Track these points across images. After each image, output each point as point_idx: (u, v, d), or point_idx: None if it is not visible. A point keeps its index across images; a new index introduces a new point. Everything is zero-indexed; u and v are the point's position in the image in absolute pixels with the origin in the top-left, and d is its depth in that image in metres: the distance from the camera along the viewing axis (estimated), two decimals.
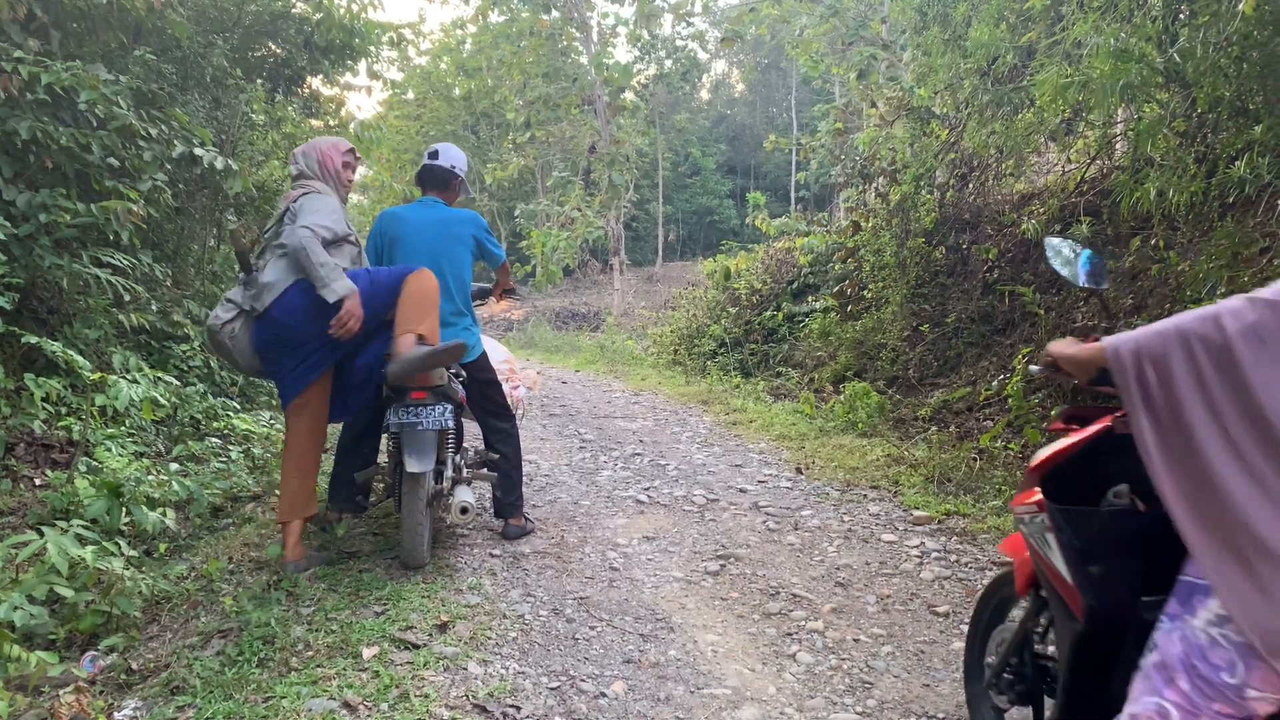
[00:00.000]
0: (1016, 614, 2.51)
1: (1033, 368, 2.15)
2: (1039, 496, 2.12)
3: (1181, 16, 5.44)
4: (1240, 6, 4.21)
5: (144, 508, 4.04)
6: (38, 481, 5.00)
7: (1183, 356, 1.52)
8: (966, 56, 7.12)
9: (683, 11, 24.74)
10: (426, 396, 3.77)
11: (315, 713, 2.61)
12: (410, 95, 30.46)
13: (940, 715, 2.86)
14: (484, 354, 4.40)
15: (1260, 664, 1.49)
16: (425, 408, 3.75)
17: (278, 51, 8.56)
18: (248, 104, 7.96)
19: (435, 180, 4.44)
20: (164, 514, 4.11)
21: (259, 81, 8.32)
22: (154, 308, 6.45)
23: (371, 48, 9.18)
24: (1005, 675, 2.43)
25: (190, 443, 5.38)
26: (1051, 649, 2.32)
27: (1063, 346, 1.85)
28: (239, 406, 6.47)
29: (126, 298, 5.73)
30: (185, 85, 7.14)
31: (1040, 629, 2.37)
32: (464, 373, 4.25)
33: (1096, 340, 1.78)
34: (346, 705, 2.67)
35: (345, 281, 3.56)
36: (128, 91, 5.46)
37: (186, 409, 5.98)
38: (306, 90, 9.37)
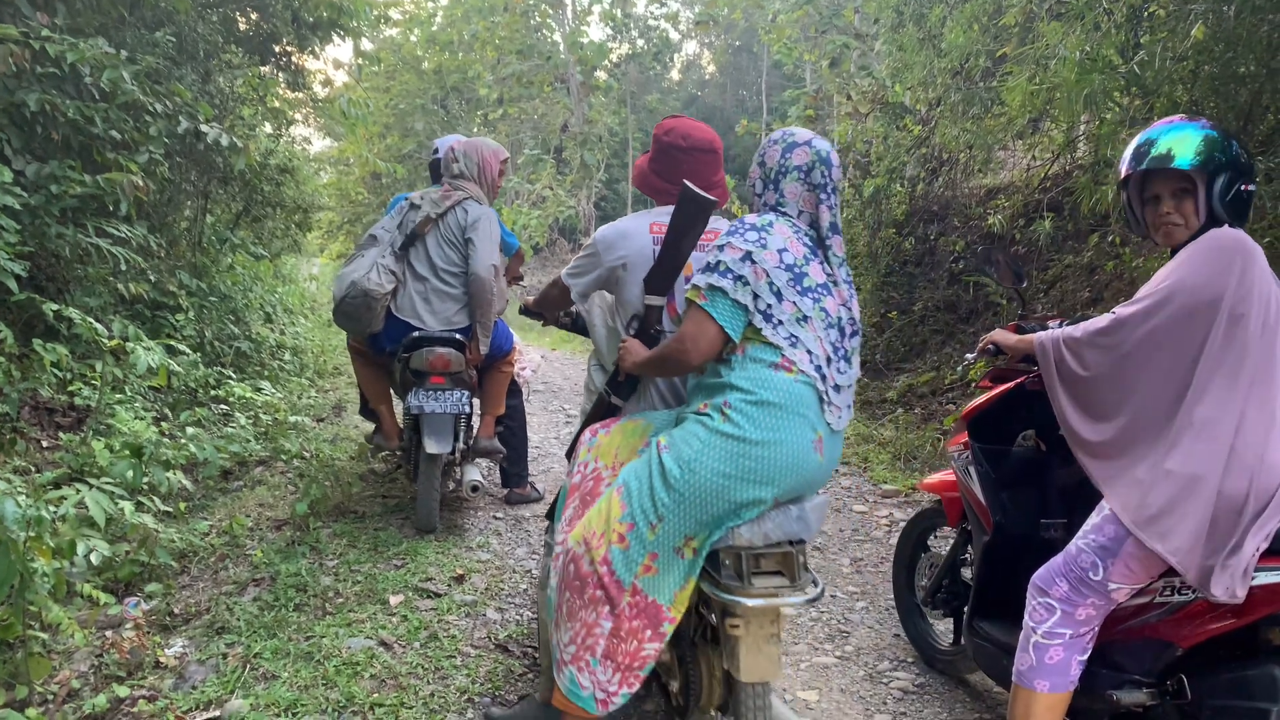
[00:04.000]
0: (933, 543, 3.29)
1: (968, 356, 2.76)
2: (966, 437, 2.74)
3: (1144, 25, 5.80)
4: (1193, 31, 4.56)
5: (160, 469, 4.27)
6: (45, 444, 5.18)
7: (1067, 348, 2.24)
8: (941, 56, 7.45)
9: None
10: (445, 381, 4.02)
11: (355, 650, 2.89)
12: (377, 68, 30.20)
13: (909, 660, 3.21)
14: (514, 349, 4.65)
15: (1113, 560, 2.05)
16: (444, 392, 4.00)
17: (264, 26, 8.65)
18: (238, 79, 8.08)
19: (439, 172, 4.72)
20: (176, 475, 4.34)
21: (245, 55, 8.43)
22: (150, 278, 6.60)
23: (354, 24, 9.27)
24: (938, 594, 3.00)
25: (196, 409, 5.57)
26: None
27: (1001, 335, 2.53)
28: (233, 376, 6.66)
29: (124, 267, 5.89)
30: (179, 59, 7.26)
31: (965, 557, 2.94)
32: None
33: (1014, 325, 2.64)
34: (383, 644, 2.96)
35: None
36: (140, 69, 5.60)
37: (181, 378, 6.16)
38: (291, 64, 9.46)
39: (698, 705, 2.28)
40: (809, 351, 2.08)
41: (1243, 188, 2.06)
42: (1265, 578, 1.86)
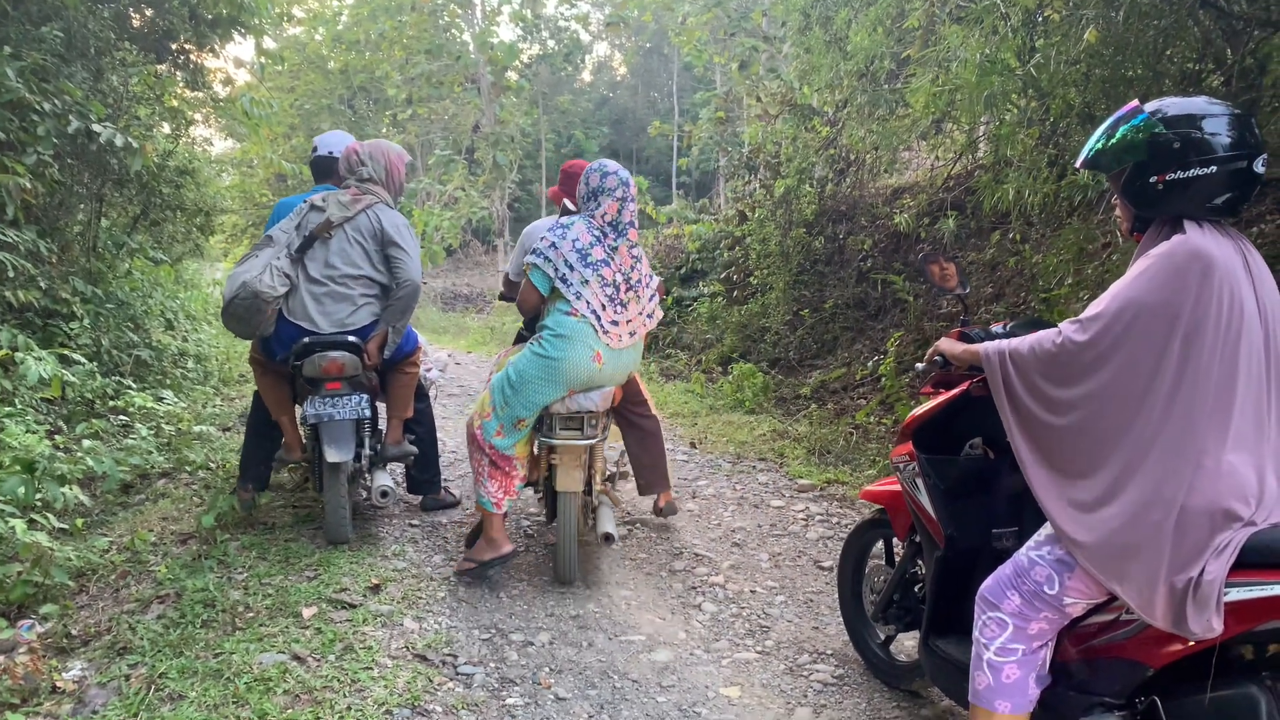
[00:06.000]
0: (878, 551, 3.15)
1: (918, 365, 2.63)
2: (911, 448, 2.63)
3: (1039, 30, 6.01)
4: (1085, 35, 4.74)
5: (55, 484, 4.06)
6: None
7: (1013, 364, 2.11)
8: (847, 58, 7.59)
9: None
10: (342, 387, 3.88)
11: (267, 665, 2.80)
12: (281, 67, 29.32)
13: (829, 652, 3.26)
14: (418, 349, 4.53)
15: (1070, 575, 1.98)
16: (342, 398, 3.86)
17: (159, 22, 8.31)
18: (132, 77, 7.75)
19: (322, 171, 4.60)
20: (72, 490, 4.13)
21: (140, 53, 8.10)
22: (41, 284, 6.29)
23: (255, 21, 8.96)
24: (890, 609, 2.90)
25: (94, 421, 5.33)
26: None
27: (948, 345, 2.41)
28: (133, 385, 6.39)
29: (11, 274, 5.60)
30: (69, 56, 6.93)
31: (916, 570, 2.83)
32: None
33: (958, 332, 2.54)
34: (296, 658, 2.87)
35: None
36: (26, 65, 5.34)
37: (77, 388, 5.89)
38: (190, 62, 9.10)
39: (554, 516, 3.82)
40: (588, 302, 3.53)
41: (1152, 180, 1.93)
42: (1235, 594, 1.75)
